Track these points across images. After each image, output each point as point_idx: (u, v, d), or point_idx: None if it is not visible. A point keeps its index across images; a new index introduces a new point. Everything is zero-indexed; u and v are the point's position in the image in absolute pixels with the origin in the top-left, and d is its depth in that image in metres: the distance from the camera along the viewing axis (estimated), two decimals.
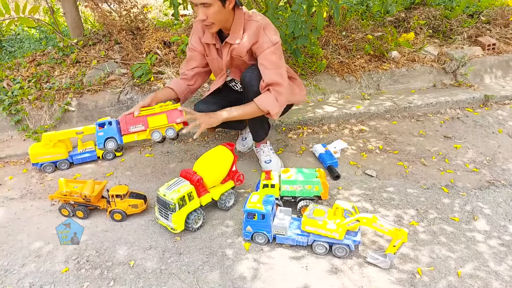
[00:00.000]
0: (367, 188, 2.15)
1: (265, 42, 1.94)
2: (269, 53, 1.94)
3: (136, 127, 1.90)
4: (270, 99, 1.96)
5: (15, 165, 2.52)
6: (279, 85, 1.96)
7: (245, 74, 2.03)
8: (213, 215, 1.96)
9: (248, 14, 1.99)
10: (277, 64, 1.95)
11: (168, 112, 1.90)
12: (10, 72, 3.12)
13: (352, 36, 3.78)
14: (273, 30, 1.97)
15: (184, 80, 2.19)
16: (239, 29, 1.97)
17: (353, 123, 2.94)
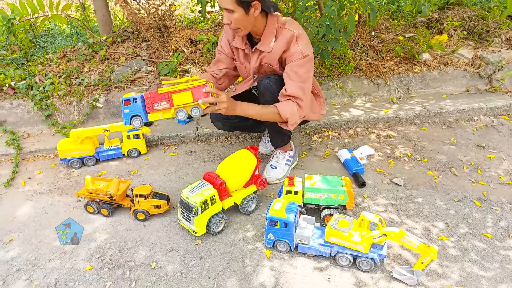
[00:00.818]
0: (394, 198, 2.08)
1: (295, 52, 1.89)
2: (298, 65, 1.90)
3: (161, 104, 1.74)
4: (292, 108, 1.93)
5: (44, 159, 2.59)
6: (300, 99, 1.93)
7: (260, 82, 1.99)
8: (234, 219, 1.94)
9: (282, 21, 1.94)
10: (302, 78, 1.91)
11: (194, 89, 1.72)
12: (42, 67, 3.21)
13: (382, 37, 3.66)
14: (305, 41, 1.92)
15: (213, 78, 2.18)
16: (271, 36, 1.93)
17: (381, 128, 2.85)
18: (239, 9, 1.80)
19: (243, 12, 1.81)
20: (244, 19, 1.84)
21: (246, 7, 1.81)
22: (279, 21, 1.93)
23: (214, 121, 2.31)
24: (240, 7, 1.80)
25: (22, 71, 3.10)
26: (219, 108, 1.77)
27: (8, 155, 2.59)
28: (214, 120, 2.30)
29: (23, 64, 3.28)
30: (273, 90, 1.95)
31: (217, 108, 1.77)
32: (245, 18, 1.84)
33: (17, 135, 2.75)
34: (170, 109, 1.74)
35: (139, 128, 2.28)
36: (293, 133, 2.78)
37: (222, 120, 2.27)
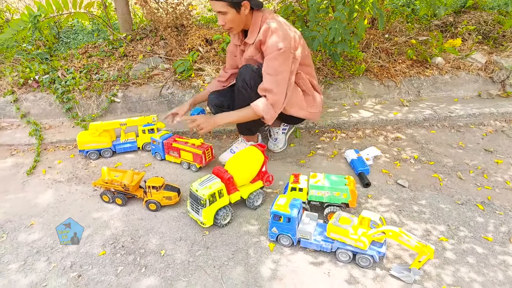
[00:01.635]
0: (397, 199, 2.13)
1: (270, 45, 2.00)
2: (272, 58, 2.00)
3: (173, 153, 2.48)
4: (265, 104, 2.06)
5: (64, 150, 2.73)
6: (273, 93, 2.04)
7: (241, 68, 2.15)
8: (240, 213, 2.03)
9: (266, 15, 2.08)
10: (276, 71, 2.01)
11: (194, 153, 2.37)
12: (64, 62, 3.36)
13: (395, 39, 3.68)
14: (281, 35, 2.00)
15: (220, 82, 2.47)
16: (256, 30, 2.08)
17: (389, 130, 2.89)
18: (232, 10, 1.99)
19: (235, 12, 2.00)
20: (236, 18, 2.02)
21: (237, 7, 1.98)
22: (263, 16, 2.08)
23: (209, 106, 2.47)
24: (232, 8, 1.98)
25: (46, 66, 3.26)
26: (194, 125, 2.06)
27: (30, 144, 2.75)
28: (210, 104, 2.46)
29: (47, 59, 3.44)
30: (243, 77, 2.11)
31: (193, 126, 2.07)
32: (237, 18, 2.02)
33: (40, 126, 2.91)
34: (179, 159, 2.47)
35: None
36: (301, 132, 2.85)
37: (215, 107, 2.42)
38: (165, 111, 3.16)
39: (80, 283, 1.61)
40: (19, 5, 4.67)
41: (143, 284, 1.60)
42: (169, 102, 3.16)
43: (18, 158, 2.64)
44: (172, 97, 3.14)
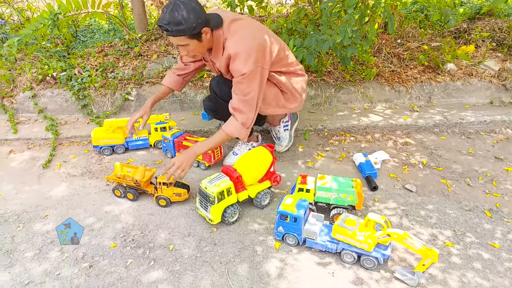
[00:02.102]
0: (404, 203, 2.14)
1: (235, 71, 2.01)
2: (237, 82, 2.02)
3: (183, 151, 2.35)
4: (237, 127, 2.10)
5: (78, 145, 2.81)
6: (242, 112, 2.07)
7: (212, 80, 2.29)
8: (248, 212, 2.06)
9: (227, 31, 2.01)
10: (243, 92, 2.03)
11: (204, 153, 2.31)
12: (81, 60, 3.46)
13: (408, 45, 3.69)
14: (243, 58, 1.96)
15: (178, 71, 2.43)
16: (219, 50, 2.07)
17: (399, 134, 2.89)
18: (193, 41, 1.94)
19: (196, 41, 1.95)
20: (198, 46, 1.99)
21: (198, 36, 1.93)
22: (224, 34, 2.02)
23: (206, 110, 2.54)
24: (193, 39, 1.93)
25: (63, 63, 3.35)
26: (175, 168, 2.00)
27: (47, 139, 2.84)
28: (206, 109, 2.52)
29: (64, 56, 3.54)
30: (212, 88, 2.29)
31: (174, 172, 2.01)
32: (199, 45, 1.99)
33: (56, 122, 2.99)
34: None
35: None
36: (310, 134, 2.88)
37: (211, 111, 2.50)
38: (178, 110, 3.23)
39: (91, 273, 1.66)
40: (40, 4, 4.81)
41: (151, 276, 1.64)
42: (181, 101, 3.22)
43: (35, 152, 2.73)
44: (185, 96, 3.20)
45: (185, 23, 1.83)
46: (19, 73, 3.33)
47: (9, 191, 2.27)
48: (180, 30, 1.85)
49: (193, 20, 1.84)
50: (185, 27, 1.84)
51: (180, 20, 1.82)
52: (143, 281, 1.62)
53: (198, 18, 1.86)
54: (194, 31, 1.88)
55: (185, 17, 1.82)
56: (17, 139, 2.84)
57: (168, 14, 1.83)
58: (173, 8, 1.83)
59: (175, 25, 1.83)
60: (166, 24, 1.84)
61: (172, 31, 1.85)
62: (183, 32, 1.86)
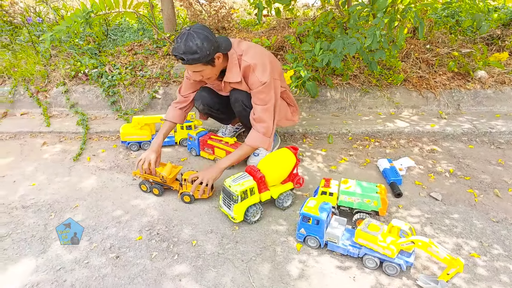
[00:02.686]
0: (429, 211, 2.10)
1: (254, 82, 2.12)
2: (258, 92, 2.13)
3: (208, 149, 2.60)
4: (259, 138, 2.20)
5: (107, 140, 2.91)
6: (264, 122, 2.19)
7: (231, 93, 2.29)
8: (270, 212, 2.08)
9: (240, 50, 2.14)
10: (264, 101, 2.16)
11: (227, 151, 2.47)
12: (112, 58, 3.57)
13: (437, 50, 3.62)
14: (261, 69, 2.11)
15: (179, 105, 2.43)
16: (235, 68, 2.15)
17: (425, 141, 2.84)
18: (207, 67, 2.05)
19: (210, 67, 2.07)
20: (212, 71, 2.12)
21: (212, 62, 2.05)
22: (237, 53, 2.14)
23: (196, 100, 2.47)
24: (207, 65, 2.04)
25: (95, 61, 3.47)
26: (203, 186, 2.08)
27: (78, 133, 2.95)
28: (197, 99, 2.46)
29: (96, 54, 3.67)
30: (241, 101, 2.25)
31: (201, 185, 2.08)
32: (213, 70, 2.11)
33: (86, 117, 3.11)
34: (212, 155, 2.59)
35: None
36: (334, 138, 2.87)
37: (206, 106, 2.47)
38: None
39: (118, 264, 1.72)
40: (74, 4, 5.00)
41: (175, 270, 1.69)
42: None
43: (66, 145, 2.84)
44: None
45: (200, 52, 1.94)
46: (53, 69, 3.47)
47: (42, 181, 2.38)
48: (196, 59, 1.96)
49: (207, 48, 1.95)
50: (200, 56, 1.95)
51: (195, 49, 1.93)
52: (167, 274, 1.67)
53: (211, 45, 1.97)
54: (208, 57, 2.00)
55: (199, 46, 1.93)
56: (50, 132, 2.96)
57: (183, 44, 1.93)
58: (187, 38, 1.93)
59: (190, 54, 1.94)
60: (181, 53, 1.95)
61: (188, 60, 1.96)
62: (198, 60, 1.98)
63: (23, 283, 1.62)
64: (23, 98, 3.33)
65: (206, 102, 2.45)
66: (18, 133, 2.97)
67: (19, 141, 2.90)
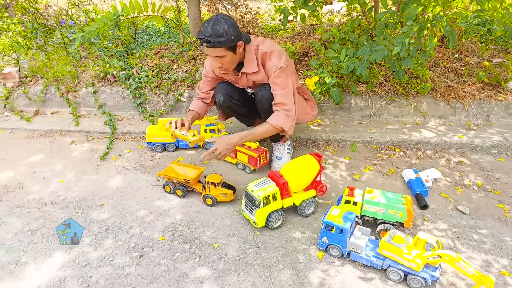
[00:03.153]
0: (456, 225, 2.04)
1: (271, 67, 2.21)
2: (275, 77, 2.20)
3: (231, 153, 2.48)
4: (281, 117, 2.21)
5: (133, 141, 2.97)
6: (285, 105, 2.22)
7: (258, 92, 2.32)
8: (291, 219, 2.07)
9: (256, 42, 2.24)
10: (282, 86, 2.20)
11: (249, 155, 2.47)
12: (139, 61, 3.66)
13: (466, 60, 3.52)
14: (277, 56, 2.21)
15: (202, 100, 2.56)
16: (253, 60, 2.24)
17: (452, 153, 2.77)
18: (229, 52, 2.12)
19: (232, 54, 2.14)
20: (233, 59, 2.17)
21: (234, 49, 2.12)
22: (253, 45, 2.23)
23: (216, 93, 2.50)
24: (229, 51, 2.11)
25: (123, 63, 3.57)
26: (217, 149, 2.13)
27: (105, 133, 3.03)
28: (218, 92, 2.49)
29: (124, 56, 3.77)
30: (269, 97, 2.27)
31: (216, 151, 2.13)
32: (233, 58, 2.18)
33: (113, 117, 3.19)
34: (235, 159, 2.59)
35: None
36: (358, 146, 2.83)
37: (226, 95, 2.47)
38: None
39: (141, 263, 1.75)
40: (104, 7, 5.15)
41: (197, 272, 1.70)
42: None
43: (93, 144, 2.92)
44: None
45: (226, 35, 2.03)
46: (83, 70, 3.58)
47: (70, 179, 2.45)
48: (221, 42, 2.03)
49: (232, 33, 2.05)
50: (226, 39, 2.03)
51: (222, 32, 2.02)
52: (189, 276, 1.68)
53: (236, 32, 2.07)
54: (232, 43, 2.07)
55: (226, 30, 2.03)
56: (78, 131, 3.06)
57: (210, 27, 2.02)
58: (214, 22, 2.03)
59: (216, 37, 2.02)
60: (208, 36, 2.01)
61: (214, 42, 2.03)
62: (223, 44, 2.04)
63: (51, 277, 1.68)
64: (54, 98, 3.46)
65: (225, 92, 2.47)
66: (49, 131, 3.08)
67: (49, 139, 3.00)
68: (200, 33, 2.05)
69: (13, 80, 3.51)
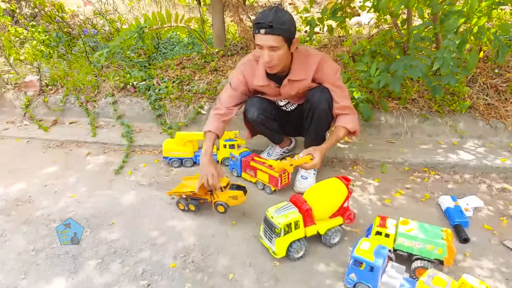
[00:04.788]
0: (503, 264, 1.79)
1: (329, 71, 2.13)
2: (336, 80, 2.15)
3: (250, 171, 2.45)
4: (351, 119, 2.17)
5: (149, 154, 2.87)
6: (350, 108, 2.20)
7: (313, 93, 2.17)
8: (315, 249, 1.88)
9: (303, 49, 2.13)
10: (343, 88, 2.18)
11: (270, 175, 2.30)
12: (160, 71, 3.59)
13: (507, 76, 3.25)
14: (330, 60, 2.17)
15: (221, 117, 2.25)
16: (301, 66, 2.12)
17: (494, 178, 2.50)
18: (285, 45, 1.95)
19: (287, 48, 1.98)
20: (286, 54, 2.01)
21: (290, 43, 1.97)
22: (301, 52, 2.12)
23: (249, 108, 2.32)
24: (285, 43, 1.95)
25: (144, 73, 3.50)
26: (317, 162, 2.03)
27: (121, 145, 2.94)
28: (251, 107, 2.31)
29: (145, 66, 3.71)
30: (327, 99, 2.15)
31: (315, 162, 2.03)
32: (286, 54, 2.01)
33: (131, 129, 3.10)
34: (254, 178, 2.43)
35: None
36: (388, 168, 2.61)
37: (261, 109, 2.30)
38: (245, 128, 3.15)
39: None
40: (129, 16, 5.17)
41: None
42: None
43: (109, 157, 2.83)
44: None
45: (288, 24, 1.91)
46: (103, 80, 3.54)
47: (82, 193, 2.35)
48: (282, 29, 1.89)
49: (293, 24, 1.95)
50: (286, 28, 1.91)
51: (284, 20, 1.90)
52: None
53: (295, 26, 1.98)
54: (291, 35, 1.95)
55: (289, 19, 1.93)
56: (95, 143, 2.98)
57: (273, 13, 1.89)
58: (276, 9, 1.92)
59: (278, 24, 1.88)
60: (269, 21, 1.86)
61: (275, 28, 1.87)
62: (283, 32, 1.90)
63: None
64: (73, 107, 3.42)
65: (260, 106, 2.29)
66: (65, 142, 3.02)
67: (65, 150, 2.94)
68: (258, 18, 1.91)
69: (34, 88, 3.51)
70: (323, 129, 2.28)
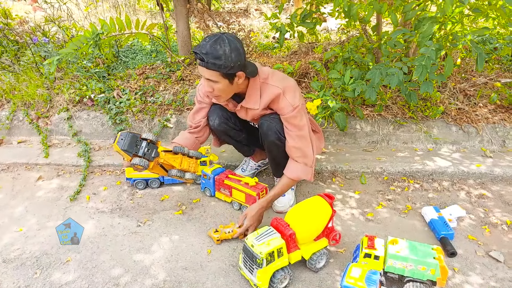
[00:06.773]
0: (492, 278, 1.72)
1: (285, 106, 1.90)
2: (292, 117, 1.92)
3: (224, 190, 2.26)
4: (299, 167, 1.98)
5: (111, 175, 2.59)
6: (302, 150, 1.97)
7: (263, 122, 2.01)
8: (300, 276, 1.72)
9: (264, 75, 1.93)
10: (299, 126, 1.95)
11: (247, 194, 2.13)
12: (121, 82, 3.31)
13: (473, 80, 3.29)
14: (292, 93, 1.91)
15: (192, 133, 2.18)
16: (255, 94, 1.94)
17: (471, 184, 2.48)
18: (224, 80, 1.79)
19: (227, 82, 1.81)
20: (227, 88, 1.84)
21: (231, 78, 1.80)
22: (260, 77, 1.92)
23: (211, 116, 2.16)
24: (225, 79, 1.79)
25: (102, 85, 3.21)
26: (252, 226, 1.95)
27: (78, 166, 2.64)
28: (212, 114, 2.15)
29: (104, 77, 3.42)
30: (276, 130, 1.97)
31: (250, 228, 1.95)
32: (228, 87, 1.85)
33: (89, 147, 2.81)
34: (229, 198, 2.25)
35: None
36: (367, 178, 2.52)
37: (222, 117, 2.14)
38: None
39: None
40: (85, 23, 4.82)
41: None
42: None
43: (64, 180, 2.52)
44: None
45: (224, 59, 1.71)
46: (57, 93, 3.21)
47: (31, 226, 2.05)
48: (217, 65, 1.72)
49: (233, 59, 1.72)
50: (223, 64, 1.72)
51: (221, 54, 1.70)
52: None
53: (238, 59, 1.74)
54: (230, 71, 1.75)
55: (226, 54, 1.71)
56: (47, 164, 2.66)
57: (210, 44, 1.71)
58: (217, 40, 1.71)
59: (212, 58, 1.70)
60: (204, 53, 1.70)
61: (208, 62, 1.71)
62: (218, 68, 1.73)
63: None
64: (21, 125, 3.06)
65: (221, 114, 2.14)
66: (12, 165, 2.67)
67: (12, 174, 2.59)
68: (197, 47, 1.73)
69: None
70: (279, 157, 2.07)
